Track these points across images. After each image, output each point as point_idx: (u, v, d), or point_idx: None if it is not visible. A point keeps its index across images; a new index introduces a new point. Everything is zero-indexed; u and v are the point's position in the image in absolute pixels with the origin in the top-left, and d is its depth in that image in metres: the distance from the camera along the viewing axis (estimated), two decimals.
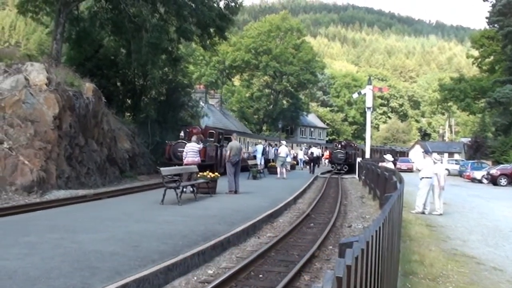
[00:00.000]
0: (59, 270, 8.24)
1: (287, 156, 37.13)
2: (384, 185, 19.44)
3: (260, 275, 10.06)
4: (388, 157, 27.42)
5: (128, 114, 42.92)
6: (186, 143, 27.23)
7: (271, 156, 44.46)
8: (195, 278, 9.63)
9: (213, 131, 35.96)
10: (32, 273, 8.01)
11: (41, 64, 26.84)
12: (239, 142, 37.51)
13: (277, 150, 41.59)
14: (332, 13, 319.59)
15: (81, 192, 23.17)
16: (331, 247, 13.22)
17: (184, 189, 19.36)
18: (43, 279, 7.73)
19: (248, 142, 48.56)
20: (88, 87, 28.80)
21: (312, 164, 47.06)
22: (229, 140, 34.46)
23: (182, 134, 32.09)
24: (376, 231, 4.59)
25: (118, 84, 41.55)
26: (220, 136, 36.05)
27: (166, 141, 33.15)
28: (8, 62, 26.76)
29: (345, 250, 3.84)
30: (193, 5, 38.22)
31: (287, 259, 11.55)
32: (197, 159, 22.89)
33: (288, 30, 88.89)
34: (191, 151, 22.82)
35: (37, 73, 25.54)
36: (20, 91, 24.44)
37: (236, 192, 22.80)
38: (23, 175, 22.07)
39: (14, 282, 7.52)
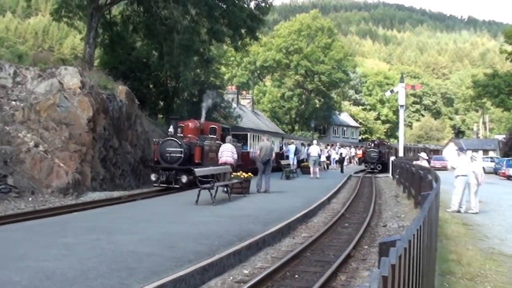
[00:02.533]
0: (96, 271, 8.31)
1: (319, 156, 36.94)
2: (419, 184, 19.29)
3: (296, 275, 10.05)
4: (423, 155, 27.21)
5: (161, 116, 43.18)
6: (176, 141, 24.92)
7: (303, 156, 44.29)
8: (231, 278, 9.64)
9: (215, 126, 30.70)
10: (69, 274, 8.09)
11: (75, 68, 27.12)
12: (252, 139, 36.69)
13: (308, 149, 41.52)
14: (362, 11, 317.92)
15: (115, 193, 23.39)
16: (366, 247, 13.15)
17: (225, 189, 19.50)
18: (81, 280, 7.79)
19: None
20: (121, 89, 29.02)
21: (341, 164, 47.02)
22: (238, 137, 33.49)
23: (171, 129, 25.88)
24: (417, 230, 4.54)
25: (151, 86, 41.81)
26: (224, 132, 30.75)
27: (154, 140, 27.71)
28: (42, 67, 27.06)
29: (385, 249, 3.81)
30: (224, 6, 38.33)
31: (323, 259, 11.51)
32: (230, 159, 23.17)
33: (319, 29, 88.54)
34: (225, 150, 23.30)
35: (71, 77, 25.82)
36: (54, 95, 24.73)
37: (266, 191, 23.19)
38: (58, 177, 22.34)
39: (52, 283, 7.60)
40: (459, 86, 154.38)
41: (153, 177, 24.97)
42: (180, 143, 25.07)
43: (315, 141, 42.74)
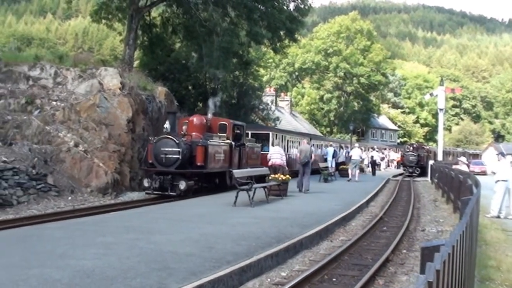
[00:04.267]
0: (135, 270, 8.37)
1: (360, 159, 36.81)
2: (458, 188, 19.06)
3: (334, 279, 10.01)
4: (463, 159, 26.89)
5: None
6: (173, 140, 21.21)
7: (341, 158, 44.06)
8: (269, 279, 9.64)
9: (225, 122, 26.23)
10: (109, 273, 8.16)
11: (115, 69, 27.44)
12: (276, 138, 34.35)
13: (348, 152, 41.45)
14: (402, 13, 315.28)
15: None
16: (405, 251, 13.04)
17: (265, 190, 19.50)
18: (120, 279, 7.86)
19: (288, 140, 38.57)
20: (160, 90, 29.26)
21: (373, 167, 46.72)
22: (258, 137, 31.71)
23: (167, 125, 21.99)
24: (460, 235, 4.47)
25: (190, 87, 41.96)
26: (238, 131, 27.10)
27: (150, 138, 23.50)
28: (82, 68, 27.42)
29: (427, 254, 3.77)
30: (263, 8, 38.28)
31: (361, 263, 11.44)
32: (279, 161, 24.26)
33: (358, 31, 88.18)
34: (274, 153, 24.62)
35: (110, 77, 26.12)
36: (94, 96, 25.03)
37: (304, 191, 24.14)
38: (98, 177, 22.59)
39: (92, 281, 7.68)
40: (499, 90, 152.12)
41: (145, 182, 21.42)
42: (177, 141, 21.37)
43: (356, 144, 42.69)
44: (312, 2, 41.90)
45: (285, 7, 39.84)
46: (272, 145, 30.89)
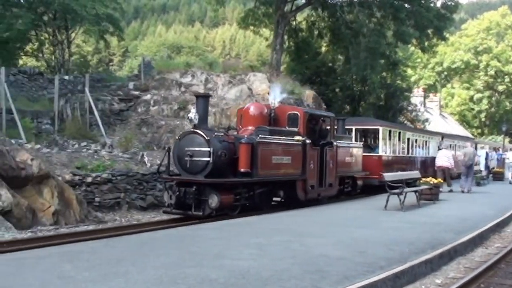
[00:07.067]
0: (289, 272, 8.43)
1: None
2: None
3: (491, 287, 9.61)
4: None
5: None
6: (201, 135, 14.97)
7: (493, 161, 42.29)
8: (423, 287, 9.41)
9: (296, 112, 18.87)
10: (263, 273, 8.27)
11: (263, 74, 27.95)
12: (389, 137, 26.67)
13: (501, 155, 39.94)
14: None
15: None
16: None
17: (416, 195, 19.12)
18: (275, 280, 7.94)
19: (409, 139, 29.58)
20: (308, 94, 29.46)
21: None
22: (365, 134, 26.49)
23: (192, 115, 15.37)
24: None
25: (337, 90, 41.88)
26: (324, 125, 20.03)
27: (177, 137, 17.23)
28: (232, 73, 28.16)
29: None
30: (410, 7, 37.63)
31: None
32: (447, 163, 25.40)
33: (509, 27, 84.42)
34: (441, 156, 25.77)
35: (259, 82, 26.65)
36: (244, 100, 25.63)
37: (468, 191, 25.64)
38: None
39: (247, 281, 7.82)
40: None
41: (165, 196, 15.72)
42: (207, 138, 15.05)
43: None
44: None
45: (432, 5, 38.93)
46: (383, 143, 26.46)
